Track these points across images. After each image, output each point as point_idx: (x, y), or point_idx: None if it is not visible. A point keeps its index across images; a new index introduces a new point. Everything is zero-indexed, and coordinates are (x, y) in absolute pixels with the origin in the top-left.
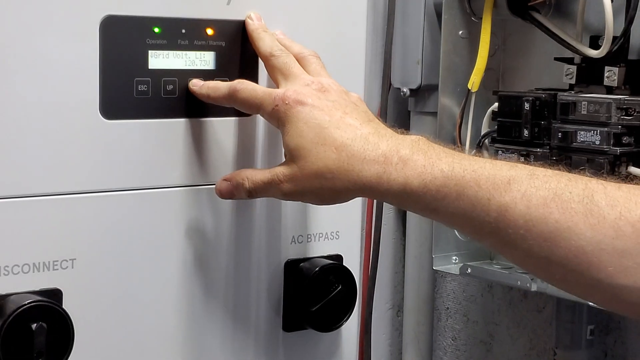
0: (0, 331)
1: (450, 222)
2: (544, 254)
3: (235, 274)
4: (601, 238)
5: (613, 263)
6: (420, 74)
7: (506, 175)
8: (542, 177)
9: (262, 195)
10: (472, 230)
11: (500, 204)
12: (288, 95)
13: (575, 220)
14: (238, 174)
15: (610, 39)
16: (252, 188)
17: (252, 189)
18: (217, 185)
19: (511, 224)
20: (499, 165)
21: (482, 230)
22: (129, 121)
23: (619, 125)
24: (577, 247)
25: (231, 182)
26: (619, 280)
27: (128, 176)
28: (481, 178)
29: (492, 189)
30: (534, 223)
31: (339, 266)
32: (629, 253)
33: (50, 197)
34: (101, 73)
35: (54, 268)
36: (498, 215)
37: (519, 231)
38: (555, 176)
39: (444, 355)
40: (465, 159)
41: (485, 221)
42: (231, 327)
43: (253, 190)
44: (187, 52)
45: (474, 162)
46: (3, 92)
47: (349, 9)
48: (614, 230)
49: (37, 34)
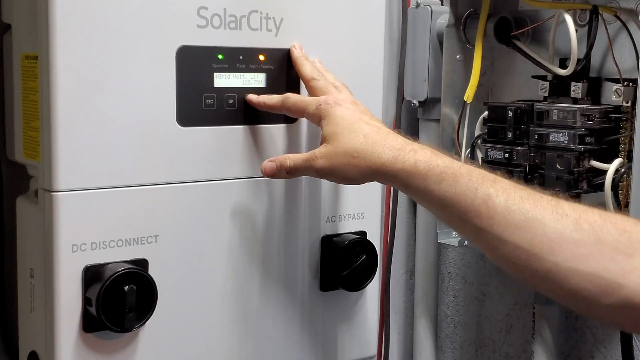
0: (100, 292)
1: (441, 205)
2: (513, 239)
3: (284, 247)
4: (563, 229)
5: (570, 249)
6: (427, 89)
7: (493, 176)
8: (521, 185)
9: (299, 173)
10: (458, 214)
11: (486, 193)
12: (330, 99)
13: (544, 213)
14: (281, 156)
15: (575, 60)
16: (292, 165)
17: (292, 166)
18: (263, 165)
19: (491, 210)
20: (486, 171)
21: (466, 214)
22: (199, 128)
23: (582, 128)
24: (543, 234)
25: (275, 162)
26: (572, 264)
27: (198, 170)
28: (473, 173)
29: (481, 181)
30: (510, 211)
31: (364, 240)
32: (584, 243)
33: (138, 187)
34: (177, 90)
35: (142, 243)
36: (482, 202)
37: (497, 217)
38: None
39: (447, 310)
40: (460, 161)
41: (471, 205)
42: (282, 288)
43: (293, 167)
44: (244, 74)
45: (467, 164)
46: (103, 107)
47: (370, 38)
48: (574, 225)
49: (128, 61)
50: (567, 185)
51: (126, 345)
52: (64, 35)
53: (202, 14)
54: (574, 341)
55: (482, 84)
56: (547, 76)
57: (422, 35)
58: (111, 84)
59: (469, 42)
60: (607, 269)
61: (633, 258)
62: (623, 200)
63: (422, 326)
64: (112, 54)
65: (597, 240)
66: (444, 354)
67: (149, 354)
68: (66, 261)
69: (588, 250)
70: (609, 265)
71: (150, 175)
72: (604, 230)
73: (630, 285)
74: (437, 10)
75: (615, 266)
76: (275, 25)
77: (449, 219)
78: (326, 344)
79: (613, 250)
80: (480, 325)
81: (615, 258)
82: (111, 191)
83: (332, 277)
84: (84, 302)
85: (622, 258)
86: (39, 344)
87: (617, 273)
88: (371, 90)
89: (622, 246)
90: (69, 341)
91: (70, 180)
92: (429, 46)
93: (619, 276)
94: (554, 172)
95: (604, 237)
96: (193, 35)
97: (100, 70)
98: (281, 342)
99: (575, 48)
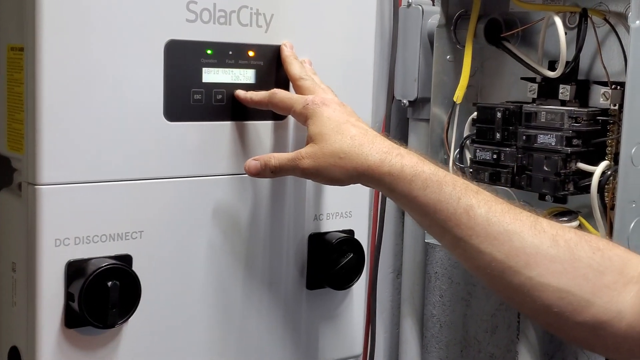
0: (83, 287)
1: (424, 211)
2: (490, 251)
3: (269, 244)
4: (540, 244)
5: (545, 265)
6: (417, 89)
7: (476, 187)
8: (502, 199)
9: (284, 173)
10: (439, 221)
11: (468, 204)
12: (317, 99)
13: (523, 228)
14: (266, 155)
15: (564, 63)
16: (277, 164)
17: (277, 166)
18: (246, 163)
19: (472, 220)
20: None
21: (447, 222)
22: (187, 123)
23: (570, 131)
24: (520, 247)
25: (259, 161)
26: (546, 279)
27: (185, 166)
28: (457, 182)
29: (464, 191)
30: (490, 223)
31: (351, 238)
32: (559, 259)
33: (123, 182)
34: (165, 85)
35: (126, 238)
36: (464, 211)
37: (476, 228)
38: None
39: (433, 309)
40: (446, 170)
41: (452, 214)
42: (267, 286)
43: (278, 167)
44: (233, 69)
45: (451, 173)
46: (89, 100)
47: (361, 37)
48: (550, 241)
49: (116, 54)
50: (553, 187)
51: (109, 341)
52: (51, 26)
53: (191, 8)
54: (558, 342)
55: (472, 84)
56: (536, 78)
57: (413, 35)
58: (98, 77)
59: (460, 42)
60: (579, 286)
61: (604, 276)
62: (609, 203)
63: (408, 325)
64: (99, 46)
65: (572, 257)
66: (429, 353)
67: (132, 351)
68: (49, 256)
69: (563, 267)
70: (581, 283)
71: (136, 170)
72: (579, 247)
73: (600, 303)
74: (428, 10)
75: (587, 283)
76: (266, 21)
77: (429, 226)
78: (311, 343)
79: (586, 267)
80: (466, 325)
81: (587, 275)
82: (96, 185)
83: (318, 276)
84: (66, 297)
85: (593, 275)
86: (21, 339)
87: (588, 290)
88: (361, 88)
89: (594, 263)
90: (51, 336)
91: (54, 173)
92: (419, 46)
93: (590, 294)
94: (541, 173)
95: (578, 254)
96: (182, 29)
97: (87, 63)
98: (266, 340)
99: (564, 50)
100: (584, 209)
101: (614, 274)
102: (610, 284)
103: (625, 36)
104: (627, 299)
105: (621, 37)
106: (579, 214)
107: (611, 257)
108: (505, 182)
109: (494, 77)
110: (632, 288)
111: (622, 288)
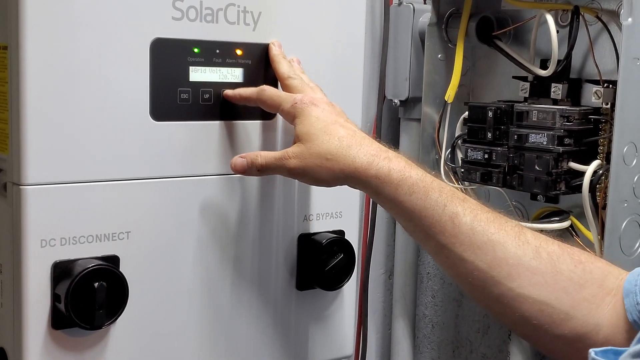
0: (69, 288)
1: (410, 216)
2: (473, 259)
3: (259, 245)
4: (523, 255)
5: (527, 276)
6: (408, 88)
7: (462, 195)
8: (488, 208)
9: (270, 171)
10: (424, 227)
11: (453, 211)
12: (306, 98)
13: (507, 238)
14: (252, 153)
15: (556, 61)
16: (264, 163)
17: (264, 164)
18: (233, 161)
19: (456, 228)
20: (457, 190)
21: (431, 228)
22: (174, 123)
23: (561, 130)
24: (502, 258)
25: (246, 159)
26: (527, 290)
27: (172, 166)
28: (444, 189)
29: (451, 198)
30: (474, 232)
31: (341, 239)
32: (541, 271)
33: (110, 182)
34: (151, 84)
35: (113, 239)
36: (449, 219)
37: (460, 236)
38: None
39: (425, 310)
40: (433, 176)
41: (438, 221)
42: (256, 286)
43: (264, 165)
44: (221, 68)
45: (439, 180)
46: (75, 100)
47: (351, 35)
48: (533, 252)
49: (101, 52)
50: (545, 187)
51: (96, 342)
52: (35, 25)
53: (177, 5)
54: None
55: (464, 83)
56: (527, 77)
57: (404, 33)
58: (83, 77)
59: (451, 41)
60: (559, 299)
61: (584, 289)
62: (600, 202)
63: (400, 326)
64: (84, 45)
65: (554, 270)
66: (421, 354)
67: (119, 352)
68: (35, 257)
69: (544, 279)
70: (561, 296)
71: (122, 170)
72: (561, 260)
73: (578, 316)
74: (419, 8)
75: (567, 296)
76: (253, 19)
77: (414, 231)
78: (302, 343)
79: (567, 280)
80: (458, 325)
81: (567, 288)
82: (82, 186)
83: (308, 276)
84: (52, 298)
85: (573, 288)
86: (7, 340)
87: (567, 304)
88: (351, 88)
89: (575, 277)
90: (38, 338)
91: (39, 174)
92: (410, 45)
93: (569, 307)
94: (532, 173)
95: (560, 266)
96: (168, 27)
97: (72, 62)
98: (255, 341)
99: (556, 49)
100: (576, 209)
101: (594, 287)
102: (589, 297)
103: (617, 34)
104: (605, 311)
105: (613, 35)
106: (571, 213)
107: (592, 270)
108: (496, 182)
109: (485, 76)
110: (609, 300)
111: (600, 301)
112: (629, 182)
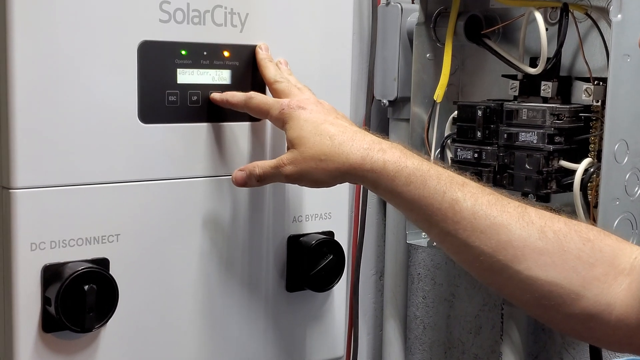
0: (59, 291)
1: (409, 207)
2: (478, 244)
3: (249, 247)
4: (528, 236)
5: (534, 258)
6: (397, 88)
7: (461, 179)
8: (489, 189)
9: (269, 180)
10: (425, 216)
11: (453, 197)
12: (293, 102)
13: (510, 220)
14: (250, 164)
15: (545, 59)
16: (262, 173)
17: (262, 174)
18: (233, 175)
19: (458, 215)
20: (456, 173)
21: (433, 217)
22: (161, 125)
23: (552, 128)
24: (507, 240)
25: (245, 171)
26: (534, 272)
27: (161, 168)
28: (442, 175)
29: (449, 184)
30: (476, 217)
31: (331, 240)
32: (548, 252)
33: (99, 185)
34: (139, 86)
35: (102, 242)
36: (449, 206)
37: (463, 222)
38: (498, 192)
39: (416, 311)
40: (430, 162)
41: (438, 209)
42: (246, 288)
43: (262, 175)
44: (208, 70)
45: (436, 165)
46: (62, 103)
47: (339, 37)
48: (539, 233)
49: (88, 55)
50: (536, 185)
51: (87, 345)
52: (22, 28)
53: (164, 8)
54: (542, 342)
55: (453, 83)
56: (517, 75)
57: (392, 33)
58: (71, 80)
59: (439, 40)
60: (569, 278)
61: (594, 267)
62: (592, 201)
63: (392, 327)
64: (71, 48)
65: (561, 249)
66: (413, 355)
67: (110, 355)
68: (25, 260)
69: (551, 259)
70: (570, 275)
71: (111, 173)
72: (568, 238)
73: (589, 296)
74: (407, 8)
75: (577, 276)
76: (241, 20)
77: (416, 221)
78: (292, 345)
79: (575, 259)
80: (450, 326)
81: (577, 268)
82: (71, 189)
83: (298, 278)
84: (43, 301)
85: (583, 267)
86: None
87: (577, 283)
88: (340, 89)
89: (584, 255)
90: (28, 341)
91: (28, 177)
92: (399, 44)
93: (579, 286)
94: (523, 172)
95: (567, 245)
96: (155, 30)
97: (59, 65)
98: (246, 343)
99: (545, 46)
100: (567, 207)
101: (605, 266)
102: (600, 276)
103: (607, 31)
104: (618, 291)
105: (603, 32)
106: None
107: (602, 248)
108: (487, 181)
109: (474, 75)
110: (622, 280)
111: (612, 280)
112: (621, 179)
